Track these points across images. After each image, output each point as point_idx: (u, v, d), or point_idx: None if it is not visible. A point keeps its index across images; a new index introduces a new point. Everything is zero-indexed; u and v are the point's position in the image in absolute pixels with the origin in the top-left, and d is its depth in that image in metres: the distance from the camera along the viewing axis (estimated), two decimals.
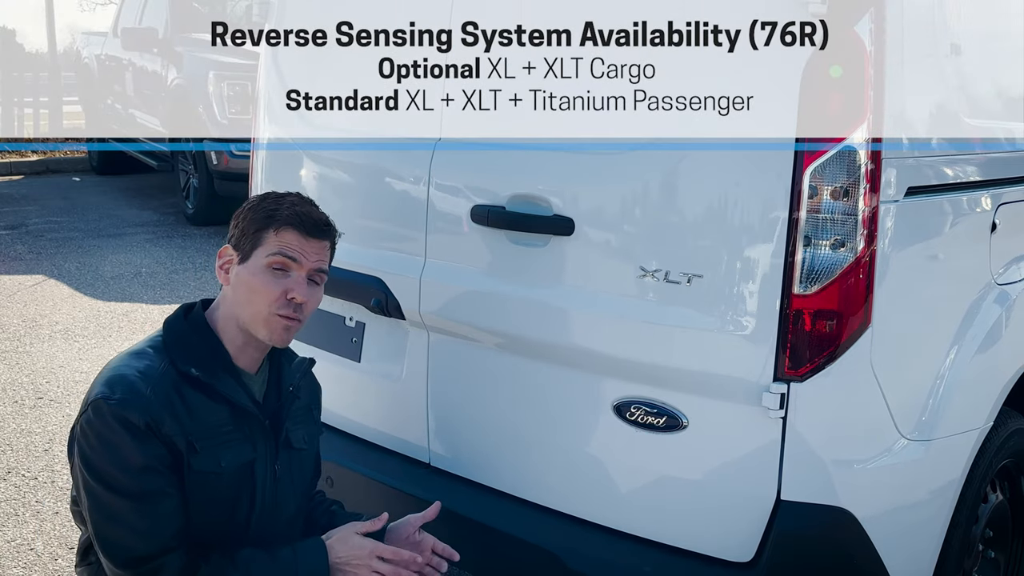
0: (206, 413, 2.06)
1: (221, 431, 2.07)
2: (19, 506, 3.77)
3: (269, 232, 2.11)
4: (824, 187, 2.02)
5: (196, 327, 2.14)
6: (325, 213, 2.21)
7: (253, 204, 2.18)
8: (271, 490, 2.15)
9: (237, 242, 2.15)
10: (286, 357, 2.30)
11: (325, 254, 2.19)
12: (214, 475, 2.05)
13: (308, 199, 2.22)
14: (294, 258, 2.11)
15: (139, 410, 1.97)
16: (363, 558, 2.07)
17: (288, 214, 2.12)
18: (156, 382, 2.03)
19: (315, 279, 2.17)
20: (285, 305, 2.10)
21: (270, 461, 2.16)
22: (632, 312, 2.24)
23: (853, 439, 2.15)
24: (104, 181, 11.54)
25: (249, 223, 2.14)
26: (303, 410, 2.31)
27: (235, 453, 2.09)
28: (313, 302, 2.17)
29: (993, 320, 2.41)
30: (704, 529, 2.24)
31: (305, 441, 2.29)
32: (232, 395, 2.09)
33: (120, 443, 1.97)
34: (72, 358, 5.43)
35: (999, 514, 2.66)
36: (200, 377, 2.06)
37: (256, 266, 2.11)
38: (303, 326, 2.19)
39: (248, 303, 2.11)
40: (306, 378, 2.33)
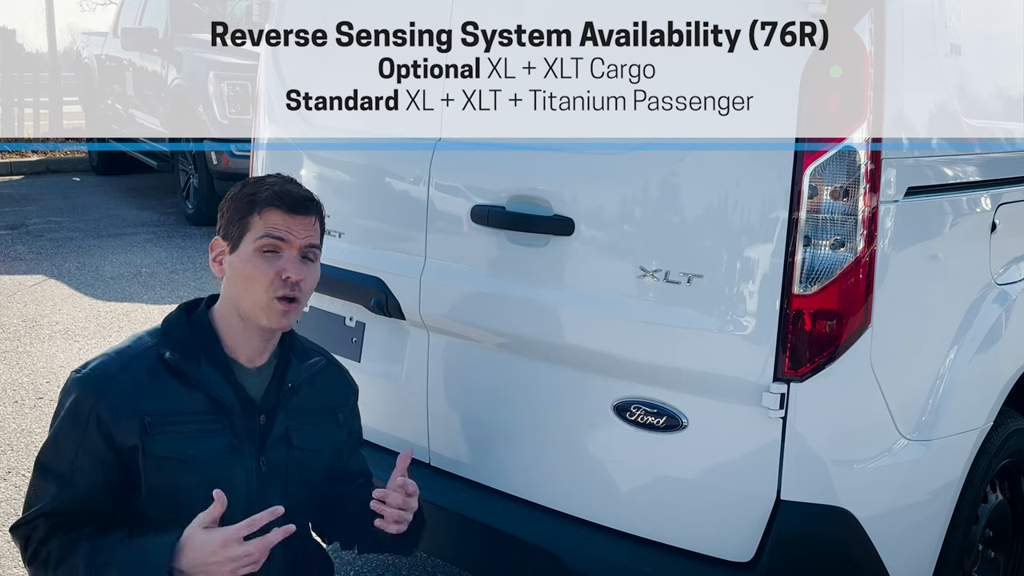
0: (177, 399, 2.04)
1: (192, 419, 2.05)
2: (19, 506, 3.77)
3: (253, 216, 2.10)
4: (824, 187, 2.02)
5: (193, 320, 2.15)
6: (308, 189, 2.19)
7: (235, 191, 2.17)
8: (255, 485, 2.11)
9: (225, 232, 2.14)
10: (298, 354, 2.25)
11: (314, 229, 2.16)
12: (176, 461, 2.02)
13: (289, 178, 2.20)
14: (282, 238, 2.09)
15: (92, 390, 2.00)
16: (214, 552, 1.85)
17: (268, 195, 2.11)
18: (129, 361, 2.04)
19: (308, 255, 2.15)
20: (281, 286, 2.08)
21: (254, 455, 2.12)
22: (632, 312, 2.24)
23: (853, 439, 2.15)
24: (104, 181, 11.54)
25: (233, 211, 2.13)
26: (318, 411, 2.26)
27: (207, 442, 2.06)
28: (311, 279, 2.15)
29: (993, 320, 2.41)
30: (704, 529, 2.25)
31: (315, 442, 2.23)
32: (208, 384, 2.07)
33: (63, 417, 2.03)
34: (72, 358, 5.43)
35: (999, 514, 2.66)
36: (171, 362, 2.05)
37: (247, 252, 2.10)
38: (303, 307, 2.16)
39: (245, 291, 2.10)
40: (321, 377, 2.28)
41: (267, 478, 2.14)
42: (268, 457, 2.14)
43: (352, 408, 2.39)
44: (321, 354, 2.33)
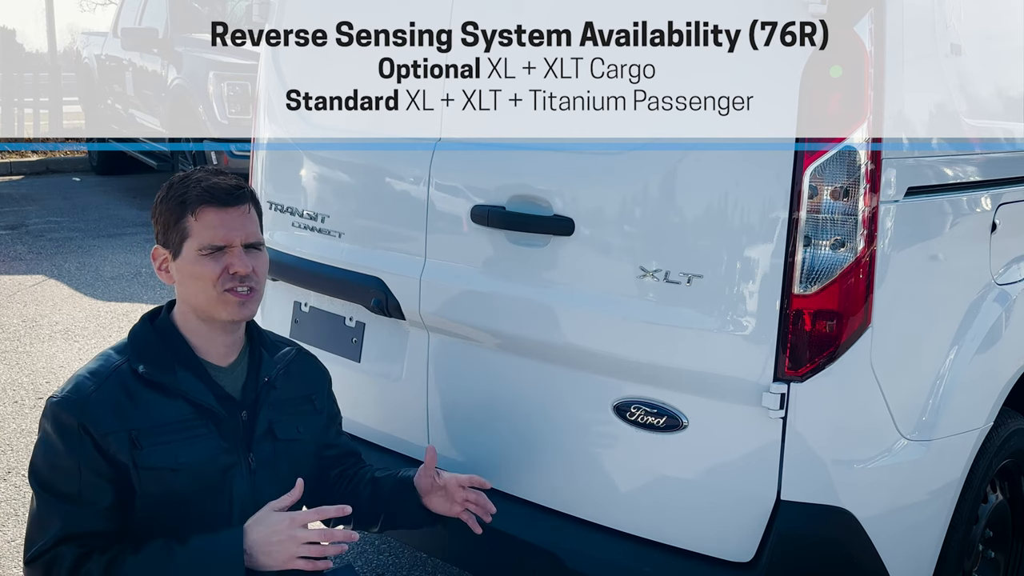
0: (160, 410, 2.04)
1: (179, 427, 2.05)
2: (19, 506, 3.77)
3: (187, 218, 2.08)
4: (824, 187, 2.02)
5: (159, 328, 2.14)
6: (236, 178, 2.15)
7: (163, 195, 2.14)
8: (247, 483, 2.13)
9: (164, 239, 2.13)
10: (268, 347, 2.27)
11: (250, 218, 2.14)
12: (169, 471, 2.02)
13: (214, 169, 2.17)
14: (221, 245, 2.08)
15: (75, 410, 1.98)
16: (283, 531, 1.94)
17: (197, 192, 2.08)
18: (103, 381, 2.03)
19: (253, 246, 2.14)
20: (230, 279, 2.08)
21: (242, 454, 2.13)
22: (632, 312, 2.24)
23: (853, 439, 2.15)
24: (104, 181, 11.54)
25: (167, 215, 2.11)
26: (295, 400, 2.28)
27: (196, 448, 2.06)
28: (260, 268, 2.14)
29: (993, 320, 2.41)
30: (704, 529, 2.24)
31: (298, 431, 2.25)
32: (188, 391, 2.07)
33: (54, 442, 2.00)
34: (72, 358, 5.43)
35: (999, 514, 2.66)
36: (146, 375, 2.05)
37: (190, 256, 2.09)
38: (260, 294, 2.15)
39: (197, 292, 2.09)
40: (294, 367, 2.30)
41: (258, 474, 2.16)
42: (256, 454, 2.16)
43: (327, 393, 2.42)
44: (289, 344, 2.35)
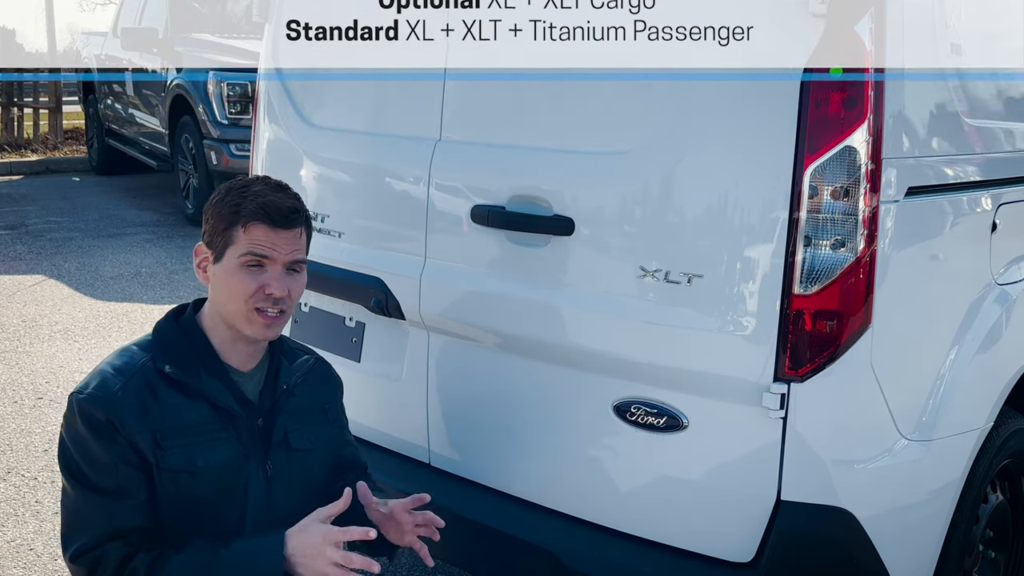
0: (182, 411, 2.03)
1: (200, 430, 2.04)
2: (19, 506, 3.77)
3: (237, 229, 2.05)
4: (824, 187, 2.02)
5: (184, 327, 2.13)
6: (294, 197, 2.12)
7: (219, 198, 2.11)
8: (263, 491, 2.11)
9: (210, 240, 2.11)
10: (287, 355, 2.25)
11: (299, 242, 2.11)
12: (187, 474, 2.01)
13: (276, 183, 2.13)
14: (265, 255, 2.05)
15: (102, 406, 1.97)
16: (316, 545, 1.93)
17: (252, 208, 2.05)
18: (128, 379, 2.01)
19: (294, 268, 2.11)
20: (263, 299, 2.06)
21: (260, 461, 2.12)
22: (632, 312, 2.24)
23: (853, 439, 2.15)
24: (104, 181, 11.54)
25: (217, 220, 2.08)
26: (310, 410, 2.26)
27: (216, 452, 2.05)
28: (296, 291, 2.12)
29: (993, 320, 2.41)
30: (704, 529, 2.24)
31: (310, 442, 2.23)
32: (212, 394, 2.06)
33: (85, 438, 1.98)
34: (72, 358, 5.43)
35: (999, 514, 2.66)
36: (172, 375, 2.03)
37: (230, 265, 2.06)
38: (288, 318, 2.14)
39: (228, 301, 2.08)
40: (312, 376, 2.28)
41: (273, 483, 2.14)
42: (273, 462, 2.15)
43: (339, 404, 2.39)
44: (308, 352, 2.33)
